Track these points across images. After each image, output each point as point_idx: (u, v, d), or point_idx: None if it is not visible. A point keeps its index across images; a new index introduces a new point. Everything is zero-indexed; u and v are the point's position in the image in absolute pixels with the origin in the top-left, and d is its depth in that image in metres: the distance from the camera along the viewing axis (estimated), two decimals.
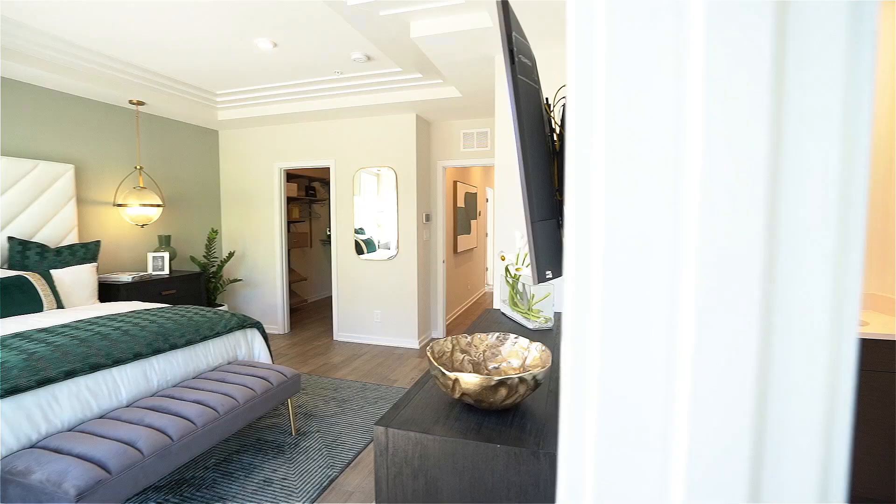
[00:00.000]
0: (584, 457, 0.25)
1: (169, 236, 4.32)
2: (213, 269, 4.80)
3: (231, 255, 4.92)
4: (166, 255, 4.11)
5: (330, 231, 4.98)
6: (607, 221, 0.25)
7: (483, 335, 1.23)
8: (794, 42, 0.23)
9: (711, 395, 0.23)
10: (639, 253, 0.24)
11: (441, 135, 4.86)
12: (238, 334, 2.88)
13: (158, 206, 4.11)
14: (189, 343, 2.45)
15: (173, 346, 2.35)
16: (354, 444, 2.60)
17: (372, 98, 4.10)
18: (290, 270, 6.36)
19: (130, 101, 3.93)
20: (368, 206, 4.78)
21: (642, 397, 0.24)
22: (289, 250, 6.33)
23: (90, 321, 2.43)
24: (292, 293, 6.47)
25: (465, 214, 6.53)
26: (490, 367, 1.20)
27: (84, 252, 3.43)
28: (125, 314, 2.65)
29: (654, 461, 0.25)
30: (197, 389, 2.23)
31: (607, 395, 0.25)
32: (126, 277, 3.64)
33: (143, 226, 4.15)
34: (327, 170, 5.04)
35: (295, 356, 4.35)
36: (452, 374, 0.99)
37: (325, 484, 2.20)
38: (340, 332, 4.92)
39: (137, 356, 2.17)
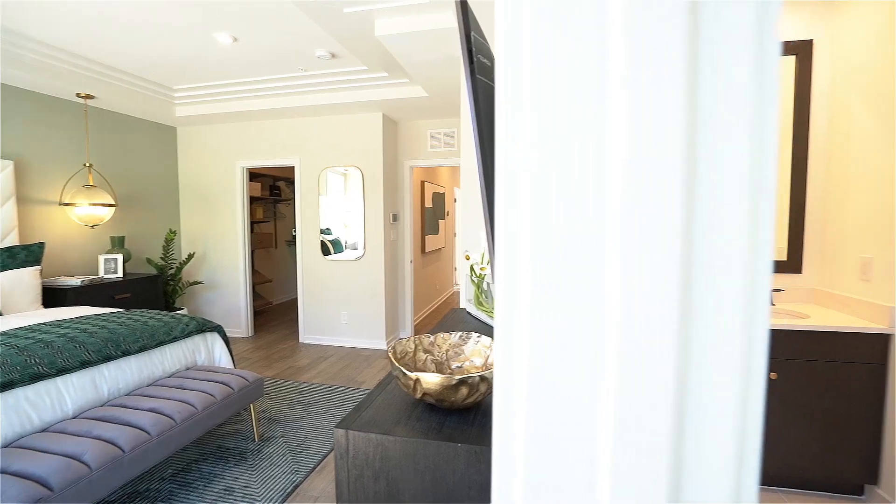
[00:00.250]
0: (514, 456, 0.26)
1: (122, 237, 4.11)
2: (172, 271, 4.60)
3: (191, 256, 4.73)
4: (119, 257, 3.90)
5: (295, 231, 4.86)
6: (532, 221, 0.25)
7: (446, 334, 1.23)
8: (706, 47, 0.24)
9: (635, 391, 0.24)
10: (564, 251, 0.25)
11: (408, 134, 4.84)
12: (197, 339, 2.77)
13: (110, 205, 3.90)
14: (143, 349, 2.34)
15: (126, 353, 2.23)
16: (320, 448, 2.55)
17: (337, 96, 4.04)
18: (254, 272, 6.18)
19: (78, 95, 3.71)
20: (335, 205, 4.71)
21: (569, 395, 0.25)
22: (252, 251, 6.14)
23: (31, 328, 2.28)
24: (257, 295, 6.28)
25: (433, 214, 6.53)
26: (453, 367, 1.21)
27: (26, 254, 3.21)
28: (72, 320, 2.50)
29: (581, 455, 0.25)
30: (152, 397, 2.13)
31: (535, 396, 0.25)
32: (74, 281, 3.43)
33: (93, 226, 3.92)
34: (292, 169, 4.92)
35: (259, 360, 4.22)
36: (413, 375, 0.98)
37: (289, 490, 2.15)
38: (306, 335, 4.82)
39: (85, 364, 2.05)
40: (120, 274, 3.88)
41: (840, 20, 2.30)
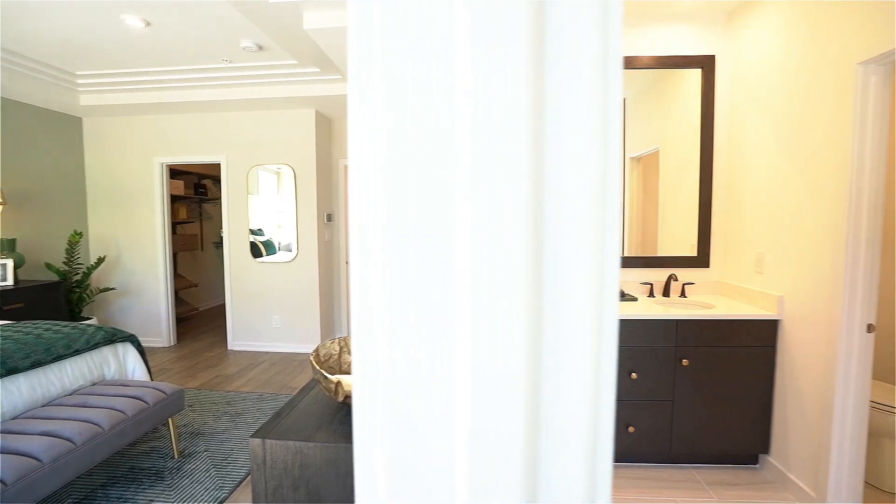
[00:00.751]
0: (374, 458, 0.25)
1: (13, 240, 3.64)
2: (77, 277, 4.15)
3: (101, 260, 4.29)
4: (10, 262, 3.45)
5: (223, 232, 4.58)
6: (388, 219, 0.25)
7: None
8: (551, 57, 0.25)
9: (487, 391, 0.24)
10: (416, 250, 0.25)
11: (343, 132, 4.73)
12: (106, 350, 2.51)
13: None
14: (36, 365, 2.08)
15: (12, 371, 1.97)
16: (248, 460, 2.41)
17: (266, 91, 3.85)
18: (178, 276, 5.74)
19: None
20: (267, 205, 4.49)
21: (425, 399, 0.25)
22: (175, 254, 5.70)
23: None
24: (181, 301, 5.84)
25: None
26: None
27: None
28: None
29: (440, 455, 0.25)
30: (46, 419, 1.90)
31: (392, 395, 0.25)
32: None
33: None
34: (218, 166, 4.62)
35: (181, 370, 3.92)
36: (335, 377, 0.95)
37: None
38: (236, 341, 4.55)
39: None
40: (10, 281, 3.43)
41: (737, 39, 2.55)
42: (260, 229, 4.51)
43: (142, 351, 2.72)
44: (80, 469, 1.77)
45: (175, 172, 5.62)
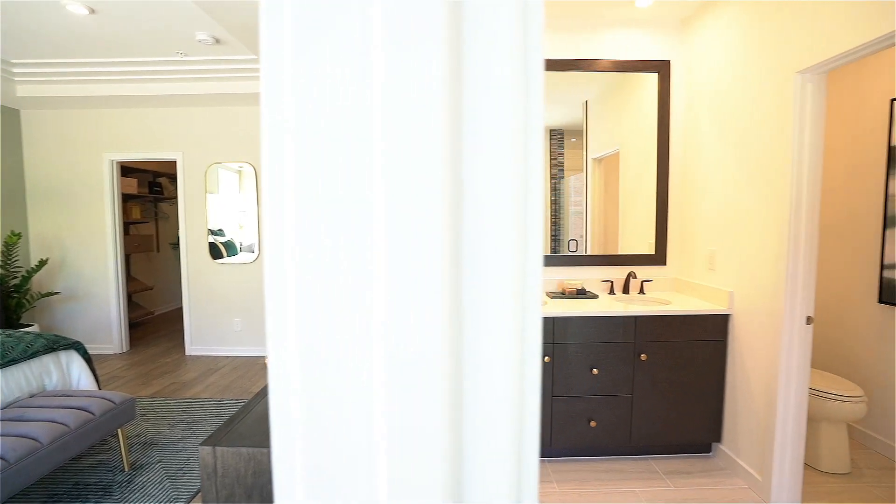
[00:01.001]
0: (294, 459, 0.24)
1: None
2: (16, 281, 3.87)
3: (42, 263, 4.02)
4: None
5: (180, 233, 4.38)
6: (297, 217, 0.24)
7: None
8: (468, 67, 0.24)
9: (407, 387, 0.23)
10: (330, 249, 0.24)
11: None
12: (46, 359, 2.36)
13: None
14: None
15: None
16: None
17: (225, 86, 3.71)
18: (131, 279, 5.45)
19: None
20: (228, 205, 4.33)
21: (342, 406, 0.24)
22: (128, 256, 5.42)
23: None
24: (135, 305, 5.55)
25: None
26: None
27: None
28: None
29: (358, 449, 0.25)
30: None
31: (310, 389, 0.24)
32: None
33: None
34: (174, 164, 4.42)
35: (134, 378, 3.73)
36: None
37: None
38: (194, 346, 4.37)
39: None
40: None
41: (691, 45, 2.66)
42: (220, 229, 4.35)
43: (88, 359, 2.56)
44: (15, 488, 1.65)
45: (128, 170, 5.34)
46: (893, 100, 2.38)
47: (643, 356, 2.29)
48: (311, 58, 0.24)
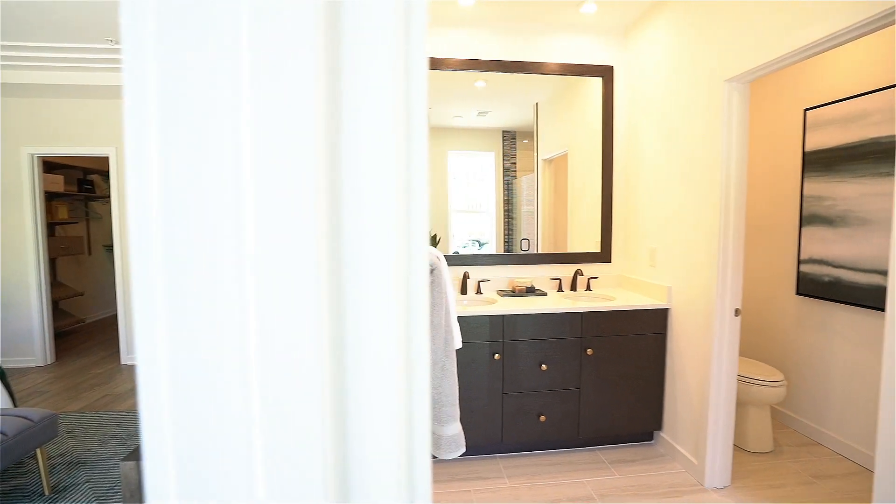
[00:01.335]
0: (165, 467, 0.22)
1: None
2: None
3: None
4: None
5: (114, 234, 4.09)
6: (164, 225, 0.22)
7: None
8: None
9: (283, 388, 0.22)
10: (198, 249, 0.22)
11: None
12: None
13: None
14: None
15: None
16: None
17: None
18: (58, 285, 5.03)
19: None
20: None
21: (215, 393, 0.22)
22: (53, 259, 4.99)
23: None
24: (62, 313, 5.12)
25: None
26: None
27: None
28: None
29: (236, 455, 0.23)
30: None
31: (180, 398, 0.22)
32: None
33: None
34: (107, 160, 4.09)
35: (60, 392, 3.44)
36: None
37: None
38: (131, 354, 4.09)
39: None
40: None
41: (633, 51, 2.78)
42: None
43: (1, 373, 2.33)
44: None
45: (53, 166, 4.91)
46: (807, 109, 2.60)
47: (589, 351, 2.38)
48: (174, 44, 0.22)
